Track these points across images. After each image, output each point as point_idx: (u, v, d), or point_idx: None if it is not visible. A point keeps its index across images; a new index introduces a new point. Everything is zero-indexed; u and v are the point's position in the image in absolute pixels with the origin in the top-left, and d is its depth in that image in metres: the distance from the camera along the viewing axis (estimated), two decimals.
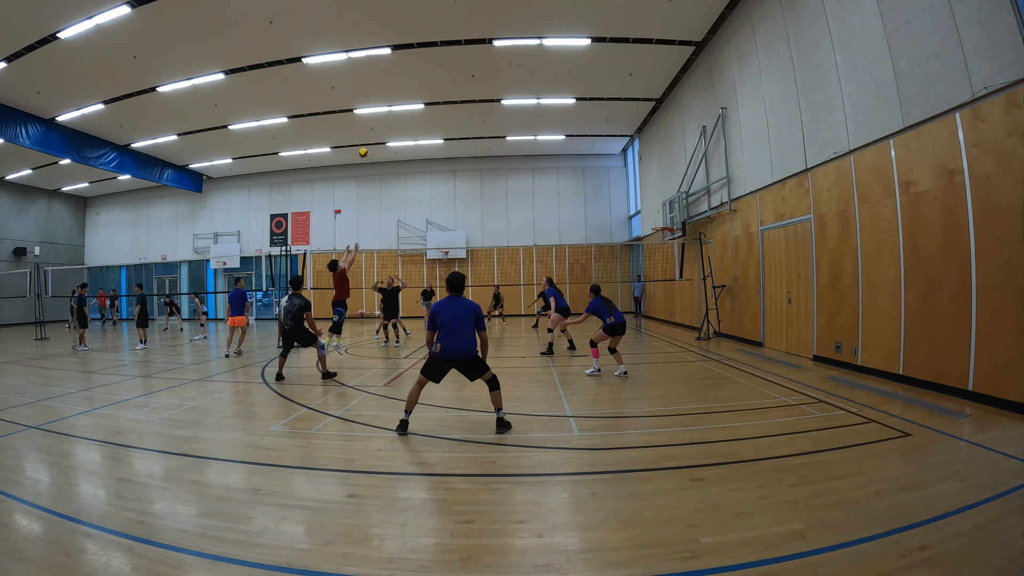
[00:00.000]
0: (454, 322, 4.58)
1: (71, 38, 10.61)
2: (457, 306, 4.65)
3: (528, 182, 21.75)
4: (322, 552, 2.61)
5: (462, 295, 4.80)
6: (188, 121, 16.20)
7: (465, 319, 4.61)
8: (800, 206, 8.36)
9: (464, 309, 4.64)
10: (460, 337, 4.57)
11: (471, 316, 4.64)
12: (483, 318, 4.75)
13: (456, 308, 4.63)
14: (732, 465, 3.68)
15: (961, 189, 5.25)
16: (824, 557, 2.42)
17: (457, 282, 4.83)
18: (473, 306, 4.70)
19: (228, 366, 9.05)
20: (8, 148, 16.11)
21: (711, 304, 11.80)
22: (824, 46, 7.46)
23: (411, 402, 4.69)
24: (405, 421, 4.64)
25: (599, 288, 7.69)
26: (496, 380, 4.73)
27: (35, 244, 22.66)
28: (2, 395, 6.67)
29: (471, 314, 4.65)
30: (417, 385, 4.72)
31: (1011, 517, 2.75)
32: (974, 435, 4.14)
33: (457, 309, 4.62)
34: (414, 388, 4.72)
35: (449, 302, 4.69)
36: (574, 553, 2.57)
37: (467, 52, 12.30)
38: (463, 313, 4.61)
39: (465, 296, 4.83)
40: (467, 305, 4.69)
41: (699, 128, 12.45)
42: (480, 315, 4.71)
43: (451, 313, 4.60)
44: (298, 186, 22.72)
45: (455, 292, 4.79)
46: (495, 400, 4.70)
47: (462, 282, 4.85)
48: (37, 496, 3.36)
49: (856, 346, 6.95)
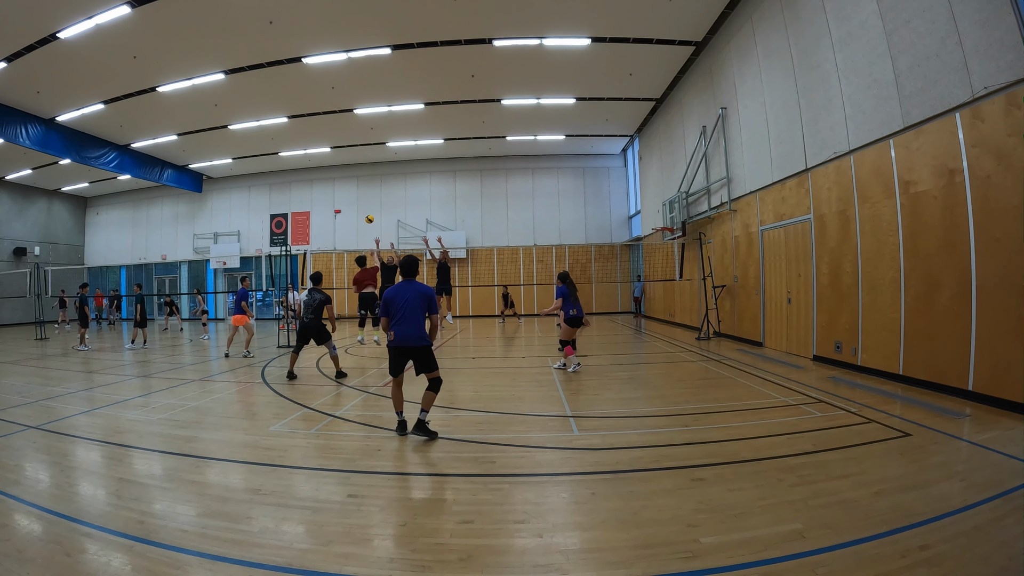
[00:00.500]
0: (406, 307, 4.46)
1: (71, 38, 10.62)
2: (410, 290, 4.52)
3: (528, 182, 21.75)
4: (322, 552, 2.61)
5: (416, 279, 4.68)
6: (188, 121, 16.20)
7: (416, 304, 4.48)
8: (800, 206, 8.36)
9: (416, 293, 4.51)
10: (412, 323, 4.45)
11: (423, 301, 4.51)
12: (436, 301, 4.60)
13: (408, 293, 4.50)
14: (732, 465, 3.68)
15: (961, 189, 5.25)
16: (824, 557, 2.42)
17: (411, 265, 4.70)
18: (426, 290, 4.56)
19: (228, 366, 9.05)
20: (8, 148, 16.11)
21: (711, 304, 11.80)
22: (824, 46, 7.46)
23: (397, 402, 4.66)
24: (402, 421, 4.62)
25: (567, 275, 7.75)
26: (439, 383, 4.55)
27: (35, 244, 22.67)
28: (2, 395, 6.67)
29: (423, 299, 4.51)
30: (395, 385, 4.65)
31: (1011, 517, 2.74)
32: (974, 435, 4.14)
33: (409, 294, 4.50)
34: (392, 388, 4.67)
35: (402, 287, 4.57)
36: (574, 553, 2.57)
37: (467, 52, 12.30)
38: (414, 298, 4.48)
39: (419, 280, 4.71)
40: (419, 289, 4.54)
41: (699, 128, 12.45)
42: (433, 299, 4.57)
43: (404, 298, 4.48)
44: (298, 186, 22.73)
45: (409, 276, 4.67)
46: (426, 401, 4.48)
47: (416, 265, 4.73)
48: (37, 496, 3.36)
49: (856, 346, 6.95)
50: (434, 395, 4.52)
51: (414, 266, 4.72)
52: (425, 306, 4.52)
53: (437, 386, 4.54)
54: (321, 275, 7.85)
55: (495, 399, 6.03)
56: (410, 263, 4.72)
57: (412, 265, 4.72)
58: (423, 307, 4.51)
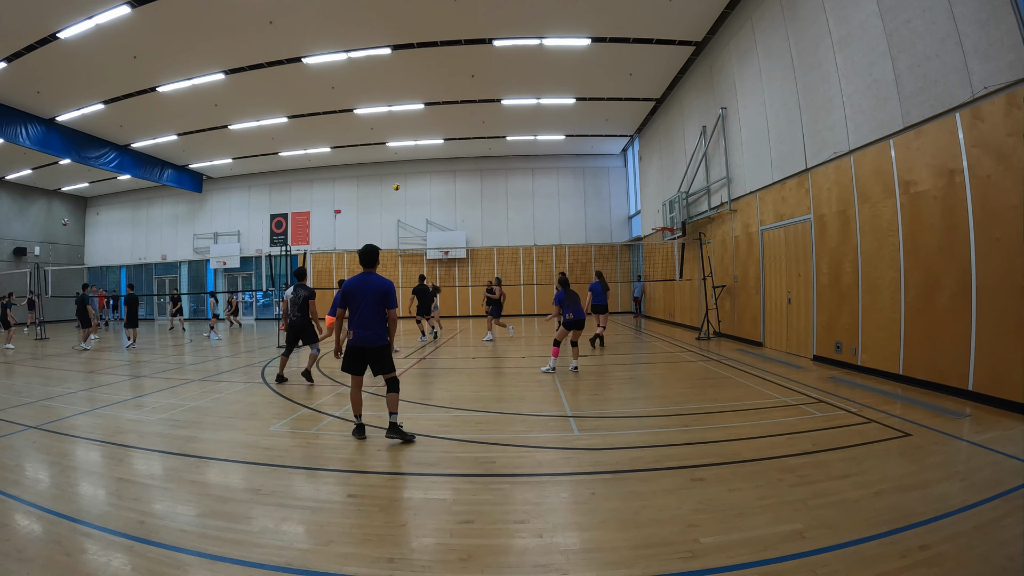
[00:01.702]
0: (364, 304, 4.27)
1: (71, 38, 10.61)
2: (368, 284, 4.32)
3: (528, 182, 21.75)
4: (322, 552, 2.61)
5: (375, 270, 4.48)
6: (188, 121, 16.19)
7: (374, 299, 4.29)
8: (800, 206, 8.36)
9: (374, 289, 4.30)
10: (372, 322, 4.28)
11: (380, 296, 4.31)
12: (394, 296, 4.39)
13: (366, 287, 4.31)
14: (732, 465, 3.68)
15: (961, 189, 5.25)
16: (824, 557, 2.42)
17: (370, 255, 4.45)
18: (383, 284, 4.36)
19: (228, 366, 9.05)
20: (8, 148, 16.10)
21: (711, 304, 11.80)
22: (824, 46, 7.46)
23: (355, 404, 4.52)
24: (360, 425, 4.49)
25: (566, 281, 7.78)
26: (396, 383, 4.42)
27: (35, 244, 22.66)
28: (2, 395, 6.67)
29: (382, 295, 4.32)
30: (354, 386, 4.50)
31: (1011, 517, 2.74)
32: (974, 435, 4.14)
33: (367, 288, 4.30)
34: (352, 390, 4.52)
35: (360, 279, 4.37)
36: (574, 553, 2.57)
37: (467, 52, 12.30)
38: (373, 294, 4.29)
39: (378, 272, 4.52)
40: (377, 282, 4.35)
41: (699, 128, 12.45)
42: (391, 293, 4.37)
43: (362, 293, 4.29)
44: (298, 186, 22.73)
45: (368, 267, 4.44)
46: (391, 403, 4.36)
47: (375, 255, 4.49)
48: (37, 496, 3.36)
49: (856, 346, 6.95)
50: (396, 395, 4.40)
51: (373, 256, 4.47)
52: (383, 302, 4.34)
53: (396, 386, 4.42)
54: (304, 270, 7.60)
55: (495, 399, 6.03)
56: (368, 252, 4.47)
57: (371, 255, 4.46)
58: (382, 303, 4.34)
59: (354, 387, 4.54)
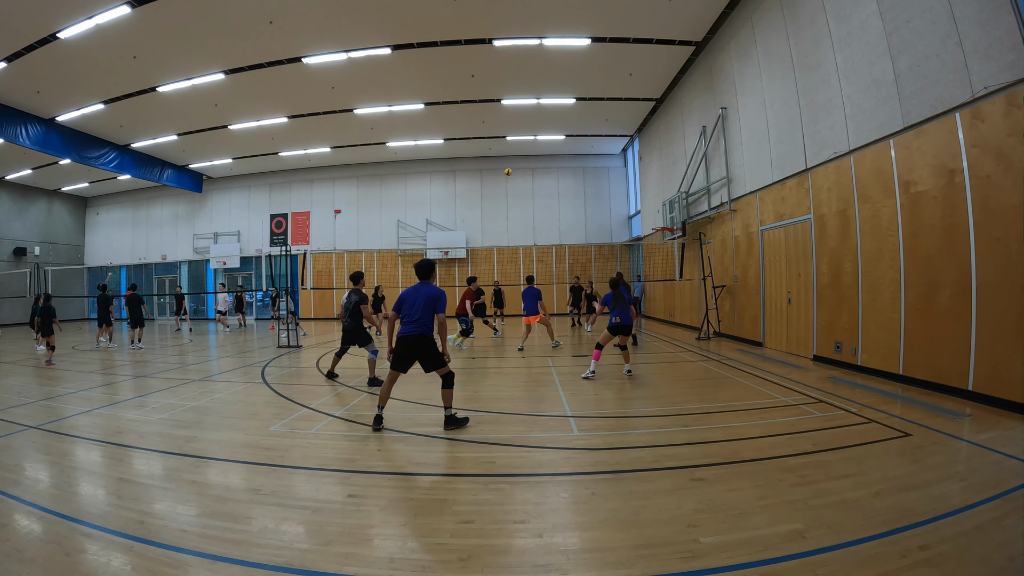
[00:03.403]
0: (415, 307, 4.72)
1: (71, 38, 10.61)
2: (420, 290, 4.81)
3: (528, 182, 21.74)
4: (322, 552, 2.61)
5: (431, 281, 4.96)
6: (188, 121, 16.19)
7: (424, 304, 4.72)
8: (800, 206, 8.36)
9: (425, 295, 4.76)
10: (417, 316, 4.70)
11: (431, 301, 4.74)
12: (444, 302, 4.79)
13: (418, 293, 4.78)
14: (732, 465, 3.68)
15: (961, 189, 5.25)
16: (824, 557, 2.42)
17: (425, 267, 5.01)
18: (435, 291, 4.81)
19: (229, 366, 9.04)
20: (8, 148, 16.10)
21: (711, 304, 11.80)
22: (824, 46, 7.46)
23: (383, 396, 4.82)
24: (378, 416, 4.75)
25: (618, 281, 7.23)
26: (451, 377, 4.76)
27: (35, 244, 22.65)
28: (2, 395, 6.67)
29: (432, 299, 4.75)
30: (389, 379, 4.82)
31: (1011, 517, 2.74)
32: (974, 435, 4.14)
33: (420, 294, 4.77)
34: (386, 382, 4.84)
35: (415, 288, 4.85)
36: (574, 553, 2.57)
37: (467, 52, 12.30)
38: (423, 298, 4.74)
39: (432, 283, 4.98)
40: (429, 289, 4.82)
41: (699, 128, 12.44)
42: (442, 298, 4.78)
43: (413, 298, 4.77)
44: (298, 186, 22.72)
45: (424, 279, 4.96)
46: (446, 399, 4.74)
47: (432, 268, 5.05)
48: (37, 496, 3.36)
49: (856, 346, 6.95)
50: (450, 391, 4.74)
51: (429, 269, 5.03)
52: (433, 307, 4.75)
53: (450, 382, 4.74)
54: (361, 274, 7.38)
55: (495, 399, 6.03)
56: (424, 265, 5.04)
57: (426, 267, 5.03)
58: (432, 307, 4.75)
59: (388, 381, 4.83)
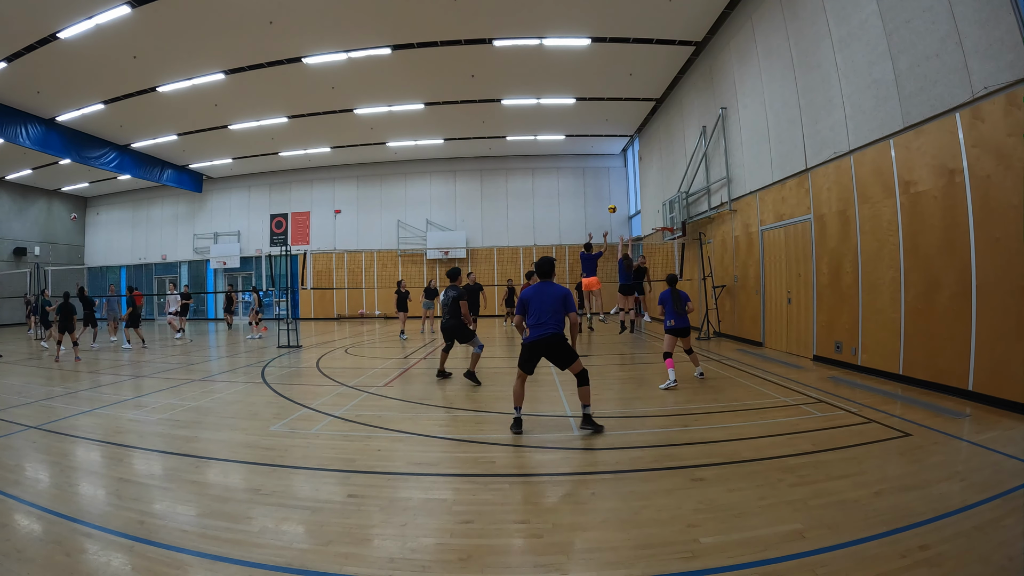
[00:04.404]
0: (543, 308, 4.56)
1: (71, 38, 10.61)
2: (546, 291, 4.64)
3: (528, 182, 21.74)
4: (322, 552, 2.61)
5: (552, 280, 4.77)
6: (188, 121, 16.19)
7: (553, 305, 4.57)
8: (800, 206, 8.36)
9: (552, 295, 4.61)
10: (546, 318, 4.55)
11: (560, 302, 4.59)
12: (572, 300, 4.66)
13: (544, 294, 4.62)
14: (732, 465, 3.68)
15: (961, 189, 5.25)
16: (824, 557, 2.42)
17: (546, 266, 4.77)
18: (562, 290, 4.67)
19: (229, 365, 9.04)
20: (8, 148, 16.09)
21: (711, 304, 11.80)
22: (824, 46, 7.46)
23: (517, 397, 4.68)
24: (518, 419, 4.61)
25: (673, 279, 6.96)
26: (585, 375, 4.58)
27: (35, 244, 22.65)
28: (2, 395, 6.67)
29: (560, 299, 4.60)
30: (519, 381, 4.71)
31: (1011, 517, 2.74)
32: (974, 435, 4.14)
33: (546, 294, 4.61)
34: (516, 384, 4.72)
35: (538, 287, 4.68)
36: (574, 553, 2.57)
37: (467, 52, 12.29)
38: (551, 299, 4.59)
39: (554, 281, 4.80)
40: (556, 289, 4.66)
41: (699, 128, 12.44)
42: (569, 298, 4.65)
43: (539, 299, 4.60)
44: (298, 186, 22.73)
45: (545, 277, 4.76)
46: (583, 396, 4.56)
47: (552, 266, 4.79)
48: (37, 496, 3.36)
49: (856, 346, 6.95)
50: (587, 388, 4.57)
51: (550, 267, 4.79)
52: (562, 307, 4.60)
53: (585, 379, 4.56)
54: (458, 271, 7.26)
55: (495, 399, 6.02)
56: (545, 263, 4.80)
57: (547, 265, 4.79)
58: (562, 307, 4.60)
59: (518, 382, 4.70)
